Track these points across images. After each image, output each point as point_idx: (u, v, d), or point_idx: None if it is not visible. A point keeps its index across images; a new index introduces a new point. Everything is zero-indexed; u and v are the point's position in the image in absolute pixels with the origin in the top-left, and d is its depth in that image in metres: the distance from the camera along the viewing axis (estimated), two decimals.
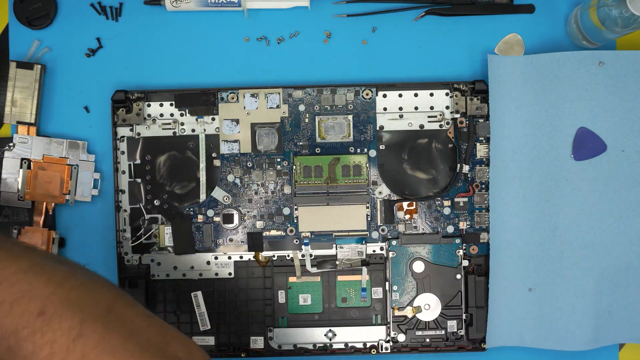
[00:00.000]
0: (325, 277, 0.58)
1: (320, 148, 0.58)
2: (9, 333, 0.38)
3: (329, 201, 0.57)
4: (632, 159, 0.56)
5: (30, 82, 0.57)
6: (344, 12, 0.59)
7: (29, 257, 0.40)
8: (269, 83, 0.59)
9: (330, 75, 0.59)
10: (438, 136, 0.58)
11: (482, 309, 0.57)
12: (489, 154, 0.57)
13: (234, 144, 0.58)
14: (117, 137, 0.58)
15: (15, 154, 0.57)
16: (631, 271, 0.57)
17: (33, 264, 0.39)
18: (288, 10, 0.59)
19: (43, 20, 0.58)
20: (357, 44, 0.59)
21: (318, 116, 0.58)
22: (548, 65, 0.56)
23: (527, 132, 0.57)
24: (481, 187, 0.58)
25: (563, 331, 0.57)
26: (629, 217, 0.56)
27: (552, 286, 0.57)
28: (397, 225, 0.58)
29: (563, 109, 0.56)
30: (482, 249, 0.58)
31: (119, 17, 0.59)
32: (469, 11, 0.58)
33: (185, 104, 0.58)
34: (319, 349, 0.58)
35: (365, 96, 0.58)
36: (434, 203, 0.58)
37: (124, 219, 0.58)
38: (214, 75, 0.59)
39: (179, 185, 0.58)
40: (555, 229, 0.57)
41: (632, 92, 0.56)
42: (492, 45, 0.59)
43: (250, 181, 0.58)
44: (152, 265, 0.58)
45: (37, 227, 0.57)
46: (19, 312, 0.38)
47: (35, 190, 0.57)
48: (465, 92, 0.57)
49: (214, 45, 0.59)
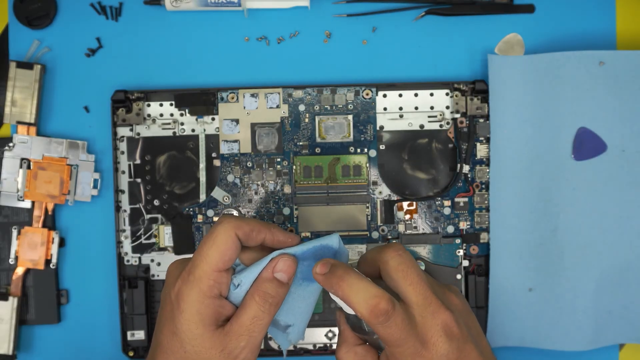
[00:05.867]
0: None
1: (320, 148, 0.58)
2: None
3: (329, 201, 0.57)
4: (633, 159, 0.56)
5: (30, 82, 0.57)
6: (344, 12, 0.59)
7: None
8: (269, 83, 0.59)
9: (330, 75, 0.59)
10: (438, 136, 0.58)
11: (482, 309, 0.57)
12: (489, 154, 0.57)
13: (234, 144, 0.58)
14: (117, 137, 0.58)
15: (15, 154, 0.57)
16: (631, 271, 0.57)
17: None
18: (288, 10, 0.59)
19: (43, 20, 0.58)
20: (357, 44, 0.59)
21: (318, 116, 0.58)
22: (548, 65, 0.56)
23: (527, 132, 0.57)
24: (481, 187, 0.58)
25: (563, 331, 0.57)
26: (629, 217, 0.56)
27: (552, 286, 0.57)
28: (397, 226, 0.58)
29: (563, 109, 0.56)
30: (482, 249, 0.58)
31: (119, 17, 0.59)
32: (469, 11, 0.58)
33: (185, 104, 0.58)
34: (319, 349, 0.58)
35: (365, 96, 0.58)
36: (434, 203, 0.58)
37: (124, 219, 0.58)
38: (214, 75, 0.59)
39: (179, 185, 0.58)
40: (555, 229, 0.57)
41: (632, 92, 0.56)
42: (492, 45, 0.59)
43: (250, 181, 0.58)
44: (152, 265, 0.58)
45: (37, 227, 0.57)
46: None
47: (35, 190, 0.57)
48: (466, 92, 0.57)
49: (214, 45, 0.59)
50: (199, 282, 0.41)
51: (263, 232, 0.44)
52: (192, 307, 0.41)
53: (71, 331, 0.59)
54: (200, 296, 0.41)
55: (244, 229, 0.42)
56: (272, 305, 0.42)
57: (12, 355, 0.57)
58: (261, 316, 0.42)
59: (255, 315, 0.42)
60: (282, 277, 0.43)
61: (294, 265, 0.44)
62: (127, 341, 0.57)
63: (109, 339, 0.59)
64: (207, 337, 0.41)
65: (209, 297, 0.41)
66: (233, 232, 0.42)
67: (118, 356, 0.58)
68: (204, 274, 0.41)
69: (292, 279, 0.44)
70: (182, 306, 0.41)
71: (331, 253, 0.46)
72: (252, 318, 0.42)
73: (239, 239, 0.43)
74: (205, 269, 0.41)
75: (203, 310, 0.41)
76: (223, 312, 0.42)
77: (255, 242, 0.44)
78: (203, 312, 0.41)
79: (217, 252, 0.41)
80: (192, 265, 0.42)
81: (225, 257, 0.41)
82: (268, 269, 0.43)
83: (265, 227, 0.44)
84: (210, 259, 0.41)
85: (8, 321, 0.57)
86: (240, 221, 0.43)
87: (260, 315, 0.42)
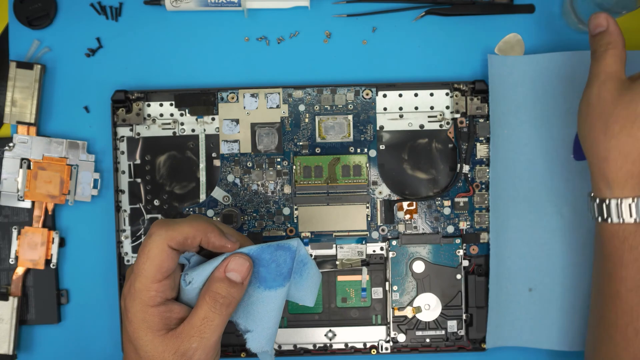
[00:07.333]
0: (325, 277, 0.58)
1: (320, 148, 0.58)
2: None
3: (329, 201, 0.57)
4: None
5: (30, 82, 0.57)
6: (344, 12, 0.59)
7: None
8: (269, 83, 0.59)
9: (330, 75, 0.59)
10: (438, 136, 0.58)
11: (482, 309, 0.57)
12: (489, 154, 0.57)
13: (234, 144, 0.58)
14: (117, 137, 0.58)
15: (15, 154, 0.57)
16: None
17: None
18: (288, 10, 0.59)
19: (43, 20, 0.58)
20: (357, 44, 0.59)
21: (318, 116, 0.58)
22: (548, 65, 0.56)
23: (527, 132, 0.57)
24: (481, 187, 0.58)
25: (563, 331, 0.57)
26: None
27: (552, 286, 0.57)
28: (397, 225, 0.58)
29: (563, 109, 0.56)
30: (482, 249, 0.58)
31: (118, 17, 0.59)
32: (469, 11, 0.58)
33: (185, 104, 0.58)
34: (319, 349, 0.58)
35: (365, 96, 0.58)
36: (434, 203, 0.58)
37: (124, 219, 0.58)
38: (214, 75, 0.59)
39: (179, 185, 0.58)
40: (555, 229, 0.57)
41: None
42: (492, 45, 0.59)
43: (250, 181, 0.58)
44: None
45: (37, 227, 0.57)
46: None
47: (35, 190, 0.57)
48: (466, 92, 0.57)
49: (214, 45, 0.59)
50: (140, 294, 0.41)
51: (198, 237, 0.42)
52: (137, 317, 0.41)
53: (71, 331, 0.59)
54: (143, 307, 0.41)
55: (177, 239, 0.41)
56: (224, 306, 0.41)
57: (12, 355, 0.57)
58: (212, 317, 0.41)
59: (206, 316, 0.41)
60: (234, 276, 0.42)
61: (248, 265, 0.42)
62: None
63: (109, 339, 0.59)
64: (157, 342, 0.41)
65: (151, 307, 0.41)
66: (165, 245, 0.41)
67: (118, 356, 0.58)
68: (143, 287, 0.41)
69: (247, 280, 0.43)
70: (129, 316, 0.41)
71: (290, 257, 0.44)
72: (202, 319, 0.41)
73: (173, 248, 0.42)
74: (144, 282, 0.41)
75: (148, 318, 0.41)
76: (172, 315, 0.42)
77: (193, 247, 0.43)
78: (149, 320, 0.41)
79: (152, 266, 0.41)
80: (133, 277, 0.41)
81: (162, 269, 0.41)
82: (220, 269, 0.42)
83: (200, 231, 0.42)
84: (146, 272, 0.41)
85: (8, 321, 0.57)
86: (172, 231, 0.41)
87: (211, 316, 0.41)
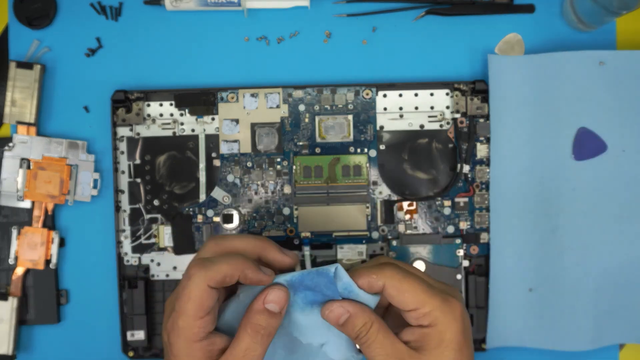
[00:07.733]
0: None
1: (320, 148, 0.58)
2: None
3: (329, 201, 0.57)
4: (633, 159, 0.56)
5: (30, 82, 0.57)
6: (344, 12, 0.59)
7: None
8: (269, 83, 0.59)
9: (330, 75, 0.59)
10: (438, 136, 0.58)
11: (482, 309, 0.57)
12: (489, 154, 0.57)
13: (234, 144, 0.58)
14: (117, 137, 0.58)
15: (14, 154, 0.57)
16: (631, 271, 0.57)
17: None
18: (288, 10, 0.59)
19: (43, 20, 0.58)
20: (357, 44, 0.59)
21: (318, 116, 0.58)
22: (548, 65, 0.56)
23: (527, 132, 0.57)
24: (481, 187, 0.58)
25: (563, 331, 0.57)
26: (629, 217, 0.56)
27: (552, 286, 0.57)
28: (398, 226, 0.58)
29: (563, 109, 0.56)
30: (482, 249, 0.58)
31: (118, 17, 0.59)
32: (469, 11, 0.58)
33: (185, 104, 0.58)
34: None
35: (365, 96, 0.58)
36: (434, 203, 0.58)
37: (124, 219, 0.58)
38: (214, 75, 0.59)
39: (179, 185, 0.58)
40: (555, 229, 0.57)
41: (632, 92, 0.56)
42: (492, 45, 0.59)
43: (250, 181, 0.58)
44: (151, 265, 0.58)
45: (37, 227, 0.57)
46: None
47: (35, 190, 0.57)
48: (466, 92, 0.57)
49: (213, 45, 0.59)
50: (184, 332, 0.42)
51: (236, 275, 0.43)
52: (182, 353, 0.42)
53: (71, 331, 0.59)
54: (188, 343, 0.42)
55: (216, 279, 0.42)
56: (264, 337, 0.42)
57: (12, 355, 0.57)
58: (253, 347, 0.42)
59: (248, 347, 0.42)
60: (273, 307, 0.43)
61: (286, 295, 0.43)
62: (126, 341, 0.57)
63: (109, 339, 0.59)
64: None
65: (195, 342, 0.42)
66: (205, 285, 0.42)
67: (118, 356, 0.58)
68: (186, 325, 0.42)
69: (284, 309, 0.44)
70: (174, 352, 0.42)
71: (328, 281, 0.43)
72: (244, 350, 0.42)
73: (213, 287, 0.42)
74: (187, 320, 0.42)
75: (193, 353, 0.42)
76: (214, 347, 0.43)
77: (232, 283, 0.44)
78: (193, 355, 0.42)
79: (194, 306, 0.42)
80: (175, 316, 0.42)
81: (204, 307, 0.42)
82: (259, 300, 0.43)
83: (238, 269, 0.43)
84: (189, 312, 0.42)
85: (8, 321, 0.57)
86: (211, 272, 0.42)
87: (253, 347, 0.42)
